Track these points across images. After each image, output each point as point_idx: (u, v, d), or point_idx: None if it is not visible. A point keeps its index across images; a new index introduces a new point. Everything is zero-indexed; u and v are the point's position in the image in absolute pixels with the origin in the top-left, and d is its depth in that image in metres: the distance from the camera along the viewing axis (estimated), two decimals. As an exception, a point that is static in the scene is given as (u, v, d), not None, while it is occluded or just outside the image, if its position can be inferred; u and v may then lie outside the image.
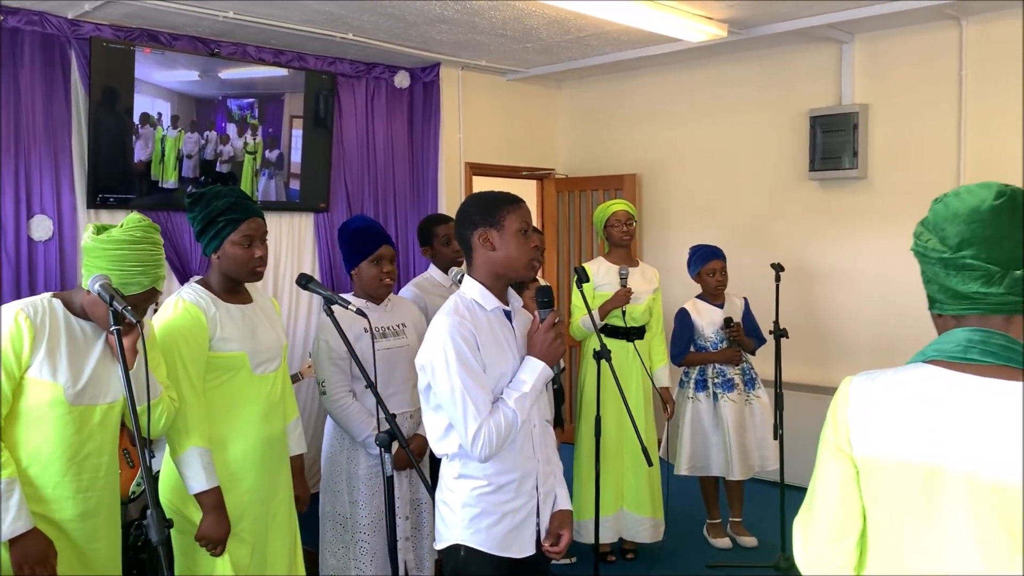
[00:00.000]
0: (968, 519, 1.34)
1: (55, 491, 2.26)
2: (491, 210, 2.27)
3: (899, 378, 1.45)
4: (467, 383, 2.12)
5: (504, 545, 2.23)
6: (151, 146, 4.59)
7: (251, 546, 2.66)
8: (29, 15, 4.21)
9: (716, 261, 4.57)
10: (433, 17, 4.68)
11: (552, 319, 2.26)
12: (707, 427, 4.56)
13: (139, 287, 2.26)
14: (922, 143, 5.11)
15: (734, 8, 4.68)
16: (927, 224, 1.49)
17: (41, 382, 2.20)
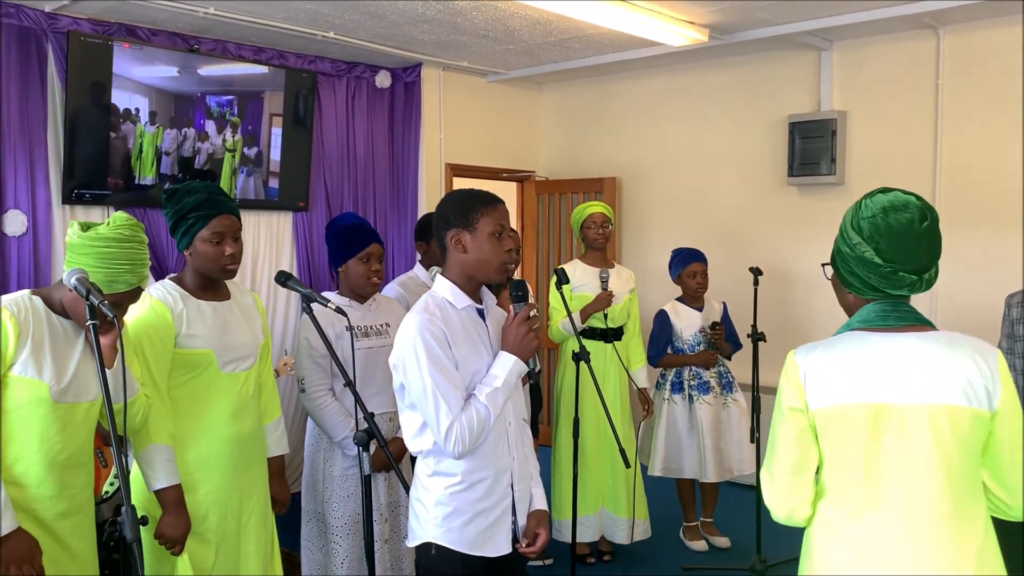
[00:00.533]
0: (905, 440, 1.76)
1: (38, 490, 2.23)
2: (465, 211, 2.25)
3: (836, 345, 1.85)
4: (438, 380, 2.12)
5: (477, 544, 2.22)
6: (131, 142, 4.55)
7: (215, 547, 2.63)
8: (5, 7, 4.15)
9: (696, 264, 4.60)
10: (415, 17, 4.67)
11: (526, 313, 2.24)
12: (681, 429, 4.59)
13: (125, 285, 2.24)
14: (899, 150, 5.17)
15: (715, 13, 4.71)
16: (861, 233, 1.84)
17: (26, 380, 2.17)
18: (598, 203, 4.50)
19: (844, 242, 1.88)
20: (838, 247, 1.91)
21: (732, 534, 4.77)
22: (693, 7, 4.59)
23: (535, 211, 6.95)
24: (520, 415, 2.39)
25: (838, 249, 1.91)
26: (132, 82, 4.51)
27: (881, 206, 1.83)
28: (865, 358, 1.80)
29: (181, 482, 2.53)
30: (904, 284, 1.82)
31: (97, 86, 4.38)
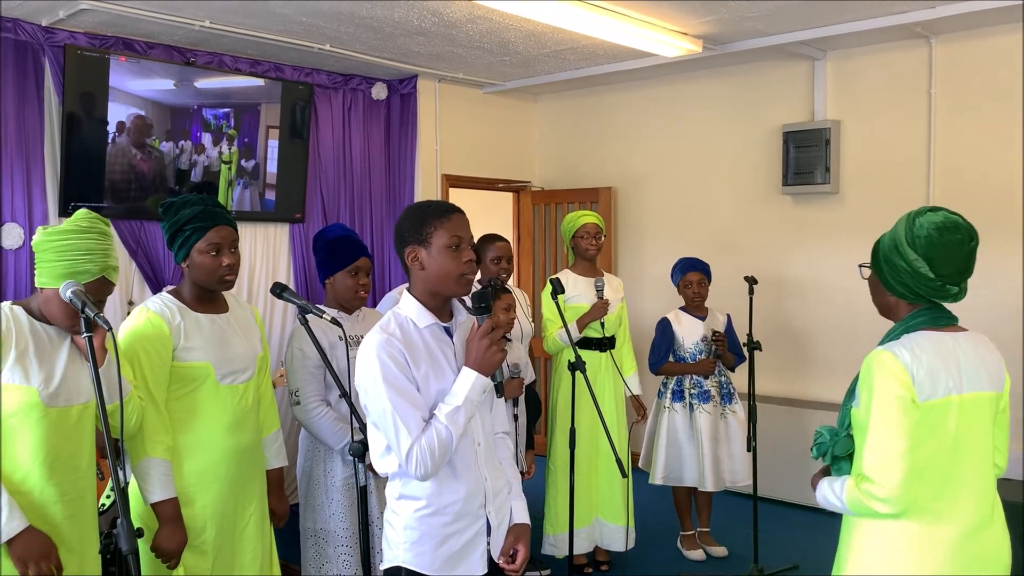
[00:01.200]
0: (975, 425, 2.09)
1: (41, 495, 2.24)
2: (419, 226, 2.15)
3: (919, 343, 2.09)
4: (396, 402, 2.05)
5: (448, 567, 2.15)
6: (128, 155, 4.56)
7: (212, 560, 2.62)
8: (3, 22, 4.17)
9: (693, 273, 4.62)
10: (411, 29, 4.70)
11: (488, 326, 2.14)
12: (682, 438, 4.59)
13: (88, 275, 2.22)
14: (892, 159, 5.20)
15: (709, 24, 4.74)
16: (916, 249, 2.09)
17: (14, 387, 2.18)
18: (590, 213, 4.50)
19: (899, 256, 2.11)
20: (888, 258, 2.14)
21: (729, 543, 4.76)
22: (687, 18, 4.62)
23: (531, 221, 6.97)
24: (492, 431, 2.29)
25: (888, 260, 2.14)
26: (129, 95, 4.53)
27: (935, 225, 2.07)
28: (945, 355, 2.08)
29: (178, 495, 2.53)
30: (948, 295, 2.11)
31: (93, 99, 4.40)
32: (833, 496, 2.11)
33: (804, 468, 5.38)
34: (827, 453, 2.19)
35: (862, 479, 2.04)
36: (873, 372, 2.06)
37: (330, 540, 3.21)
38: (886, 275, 2.15)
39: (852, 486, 2.05)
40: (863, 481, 2.04)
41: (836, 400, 5.35)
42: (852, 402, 2.17)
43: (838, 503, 2.10)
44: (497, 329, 2.15)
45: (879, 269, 2.19)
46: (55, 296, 2.21)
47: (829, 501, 2.13)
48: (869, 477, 2.03)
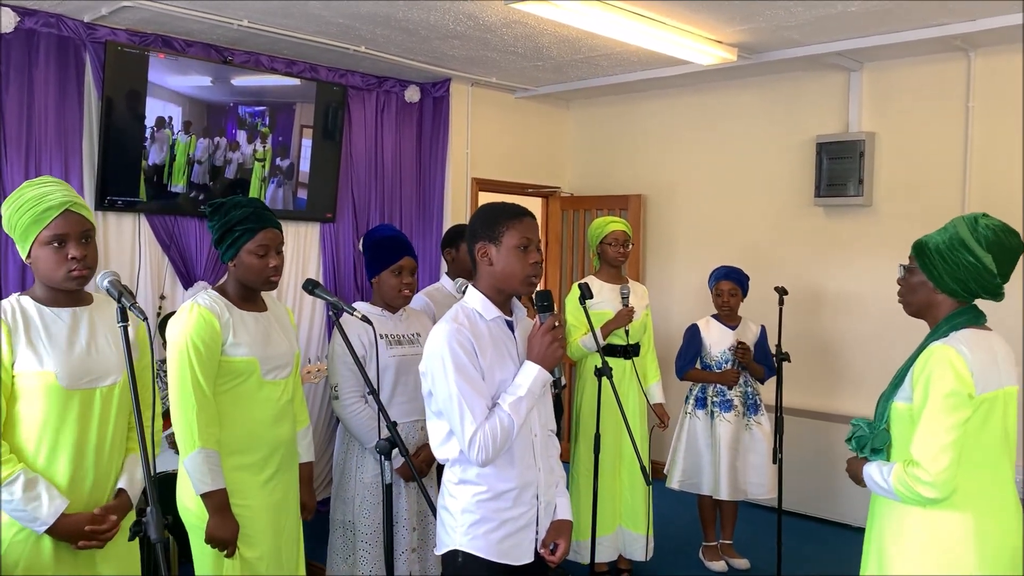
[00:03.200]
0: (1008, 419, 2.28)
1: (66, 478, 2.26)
2: (492, 224, 2.30)
3: (970, 339, 2.25)
4: (463, 389, 2.15)
5: (502, 552, 2.24)
6: (164, 150, 4.62)
7: (262, 549, 2.67)
8: (46, 17, 4.25)
9: (725, 282, 4.60)
10: (445, 32, 4.72)
11: (551, 322, 2.27)
12: (701, 445, 4.58)
13: (54, 210, 2.21)
14: (927, 173, 5.14)
15: (744, 33, 4.72)
16: (986, 245, 2.25)
17: (31, 374, 2.21)
18: (619, 220, 4.47)
19: (966, 253, 2.26)
20: (948, 256, 2.29)
21: (752, 556, 4.72)
22: (722, 26, 4.60)
23: (559, 227, 6.96)
24: (547, 426, 2.41)
25: (947, 258, 2.29)
26: (167, 91, 4.59)
27: (1000, 227, 2.27)
28: (990, 351, 2.26)
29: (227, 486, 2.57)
30: (999, 293, 2.29)
31: (132, 95, 4.46)
32: (880, 478, 2.27)
33: (831, 482, 5.33)
34: (866, 446, 2.35)
35: (911, 463, 2.19)
36: (934, 365, 2.20)
37: (357, 534, 3.25)
38: (940, 272, 2.29)
39: (900, 470, 2.21)
40: (911, 465, 2.19)
41: (863, 414, 5.27)
42: (895, 396, 2.32)
43: (884, 485, 2.25)
44: (558, 328, 2.27)
45: (931, 267, 2.32)
46: (38, 254, 2.23)
47: (875, 482, 2.29)
48: (918, 462, 2.17)
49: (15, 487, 2.15)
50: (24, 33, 4.21)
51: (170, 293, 4.79)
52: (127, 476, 2.41)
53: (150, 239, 4.70)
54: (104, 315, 2.38)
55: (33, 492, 2.17)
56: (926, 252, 2.35)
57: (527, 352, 2.28)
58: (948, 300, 2.33)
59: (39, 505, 2.17)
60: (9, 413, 2.21)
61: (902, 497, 2.22)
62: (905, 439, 2.28)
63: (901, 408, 2.30)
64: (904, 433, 2.29)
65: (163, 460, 3.61)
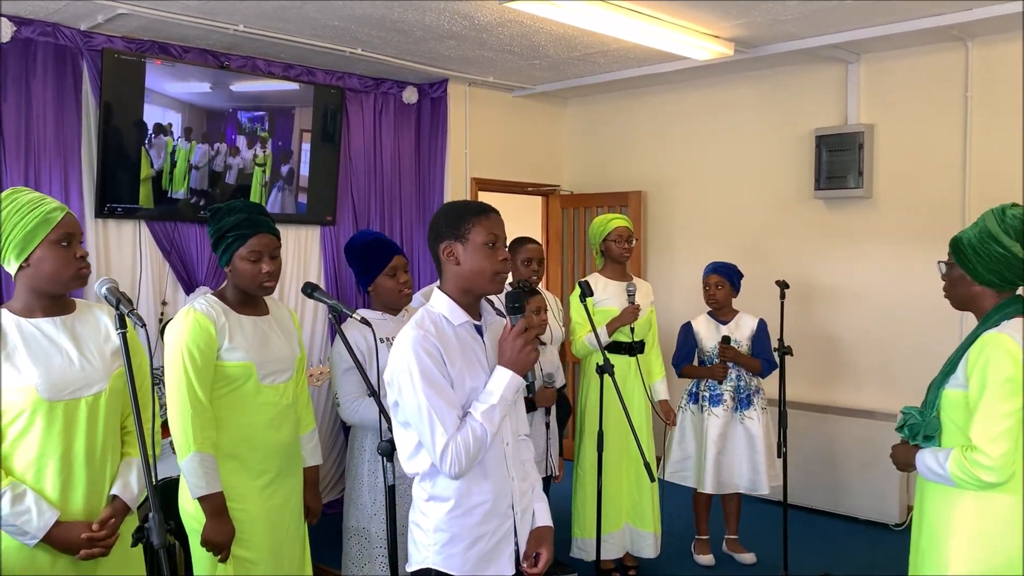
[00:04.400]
0: None
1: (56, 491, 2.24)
2: (456, 222, 2.17)
3: (1021, 328, 2.31)
4: (432, 399, 2.04)
5: (478, 568, 2.15)
6: (163, 156, 4.63)
7: (259, 553, 2.67)
8: (43, 26, 4.26)
9: (712, 275, 4.63)
10: (441, 33, 4.72)
11: (522, 325, 2.15)
12: (689, 437, 4.63)
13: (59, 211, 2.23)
14: (927, 163, 5.13)
15: (741, 27, 4.71)
16: (1014, 235, 2.33)
17: (12, 388, 2.18)
18: (621, 216, 4.47)
19: (995, 244, 2.35)
20: (980, 248, 2.37)
21: (757, 551, 4.72)
22: (718, 21, 4.60)
23: (560, 225, 6.96)
24: (519, 432, 2.30)
25: (980, 250, 2.37)
26: (166, 97, 4.60)
27: (1015, 214, 2.35)
28: None
29: (223, 490, 2.57)
30: None
31: (130, 102, 4.46)
32: (936, 464, 2.33)
33: (834, 475, 5.32)
34: (918, 433, 2.41)
35: (970, 448, 2.27)
36: (990, 353, 2.27)
37: (371, 540, 3.23)
38: (975, 265, 2.39)
39: (959, 455, 2.28)
40: (971, 451, 2.26)
41: (868, 407, 5.30)
42: (946, 384, 2.37)
43: (940, 471, 2.31)
44: (531, 330, 2.16)
45: (967, 261, 2.41)
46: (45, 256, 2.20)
47: (931, 468, 2.35)
48: (978, 447, 2.25)
49: (3, 502, 2.13)
50: (21, 42, 4.21)
51: (171, 299, 4.80)
52: (121, 481, 2.37)
53: (151, 245, 4.71)
54: (86, 323, 2.34)
55: (21, 506, 2.15)
56: (961, 247, 2.44)
57: (499, 357, 2.15)
58: (989, 291, 2.41)
59: (28, 519, 2.15)
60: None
61: (959, 482, 2.28)
62: (957, 426, 2.35)
63: (954, 395, 2.36)
64: (957, 420, 2.36)
65: (168, 466, 3.61)
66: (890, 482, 5.06)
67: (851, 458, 5.25)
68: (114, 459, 2.39)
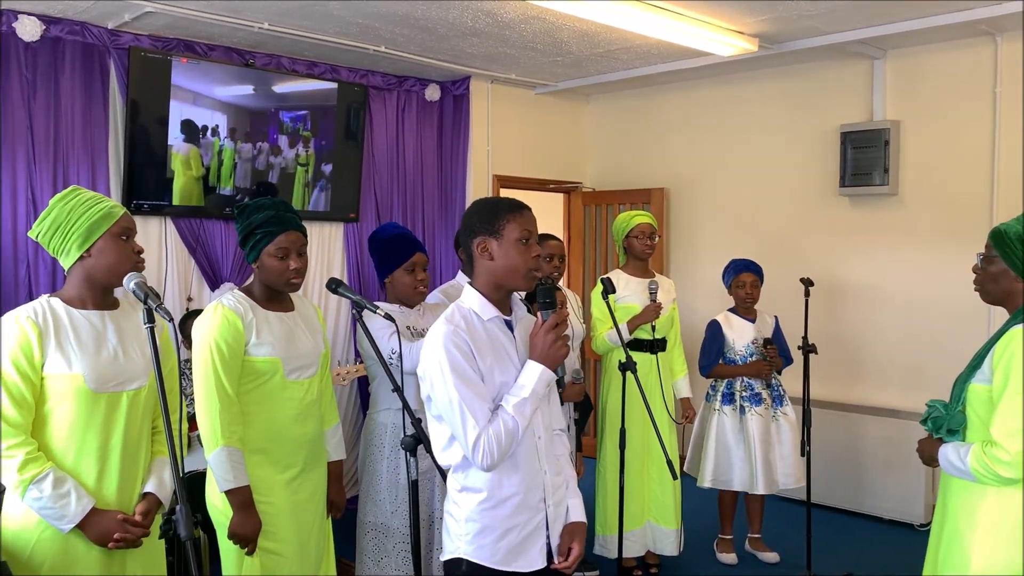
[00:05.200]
0: None
1: (92, 480, 2.29)
2: (491, 218, 2.21)
3: None
4: (463, 393, 2.08)
5: (508, 560, 2.17)
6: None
7: (285, 546, 2.70)
8: (71, 25, 4.31)
9: (746, 274, 4.56)
10: (464, 30, 4.73)
11: (553, 320, 2.18)
12: (731, 441, 4.54)
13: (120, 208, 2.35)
14: (955, 160, 5.07)
15: (765, 23, 4.68)
16: None
17: (59, 376, 2.24)
18: (644, 213, 4.45)
19: None
20: (1017, 246, 2.32)
21: (780, 549, 4.69)
22: (743, 17, 4.57)
23: (581, 222, 6.95)
24: (552, 427, 2.33)
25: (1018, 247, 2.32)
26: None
27: None
28: None
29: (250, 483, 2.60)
30: None
31: (157, 99, 4.51)
32: (957, 459, 2.32)
33: (858, 474, 5.28)
34: (942, 427, 2.40)
35: (990, 444, 2.25)
36: (1016, 348, 2.24)
37: (390, 535, 3.24)
38: (1016, 260, 2.33)
39: (979, 450, 2.26)
40: (991, 446, 2.25)
41: (893, 406, 5.25)
42: (972, 378, 2.35)
43: (961, 465, 2.30)
44: (562, 324, 2.19)
45: (1012, 254, 2.34)
46: (106, 248, 2.30)
47: (952, 463, 2.34)
48: (998, 442, 2.23)
49: (44, 484, 2.18)
50: (50, 41, 4.27)
51: (197, 295, 4.85)
52: (155, 479, 2.43)
53: (176, 242, 4.76)
54: (130, 320, 2.41)
55: (62, 489, 2.20)
56: (1007, 240, 2.35)
57: (529, 351, 2.19)
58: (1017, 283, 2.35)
59: (67, 503, 2.20)
60: (38, 414, 2.25)
61: (979, 477, 2.27)
62: (982, 420, 2.33)
63: (979, 390, 2.34)
64: (981, 414, 2.34)
65: (196, 459, 3.65)
66: (916, 482, 5.01)
67: (876, 457, 5.21)
68: (147, 454, 2.45)
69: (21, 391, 2.20)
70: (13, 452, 2.17)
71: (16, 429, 2.19)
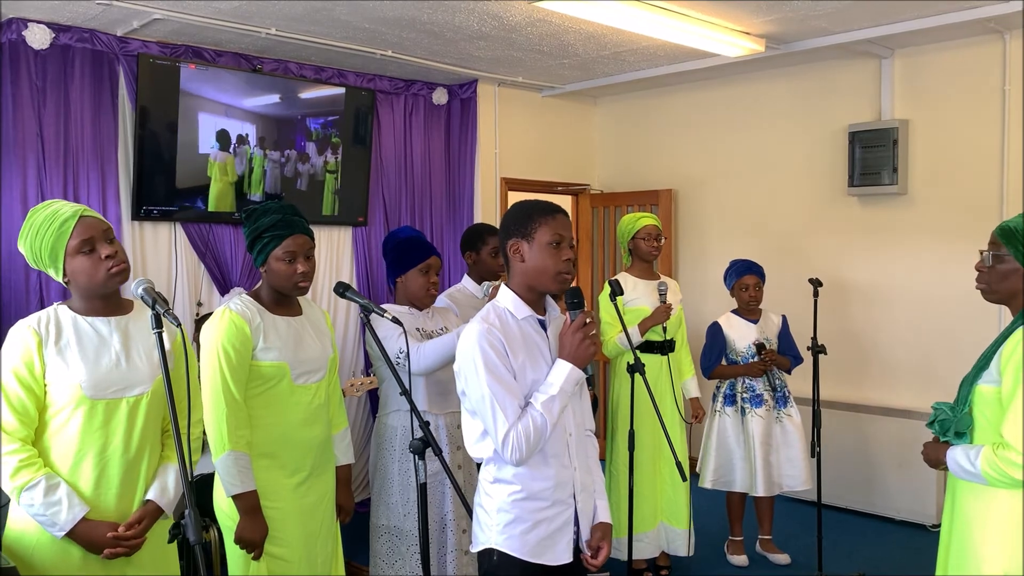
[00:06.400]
0: None
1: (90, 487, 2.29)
2: (525, 221, 2.28)
3: None
4: (495, 389, 2.15)
5: (537, 552, 2.23)
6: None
7: (293, 552, 2.70)
8: (80, 32, 4.34)
9: (749, 276, 4.55)
10: (471, 33, 4.74)
11: (582, 319, 2.24)
12: (732, 441, 4.55)
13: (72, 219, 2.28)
14: (963, 159, 5.05)
15: (772, 23, 4.67)
16: None
17: (59, 383, 2.25)
18: (649, 215, 4.45)
19: None
20: None
21: (791, 551, 4.68)
22: (749, 17, 4.56)
23: (590, 224, 6.95)
24: (583, 426, 2.38)
25: None
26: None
27: None
28: None
29: (257, 488, 2.60)
30: None
31: (165, 106, 4.53)
32: (967, 462, 2.28)
33: (869, 475, 5.26)
34: (949, 429, 2.36)
35: (1001, 446, 2.21)
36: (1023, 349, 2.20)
37: (403, 538, 3.25)
38: None
39: (990, 452, 2.22)
40: (1003, 448, 2.21)
41: (903, 406, 5.23)
42: (979, 379, 2.32)
43: (972, 468, 2.26)
44: (589, 324, 2.24)
45: (1020, 251, 2.29)
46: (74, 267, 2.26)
47: (962, 466, 2.30)
48: (1010, 444, 2.19)
49: (35, 492, 2.19)
50: (59, 49, 4.30)
51: (206, 300, 4.87)
52: (158, 486, 2.41)
53: (186, 247, 4.78)
54: (140, 326, 2.41)
55: (53, 497, 2.21)
56: (1015, 236, 2.31)
57: (559, 350, 2.26)
58: None
59: (58, 510, 2.21)
60: (40, 420, 2.27)
61: (991, 480, 2.24)
62: (990, 422, 2.31)
63: (986, 391, 2.31)
64: (989, 416, 2.31)
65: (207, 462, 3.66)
66: (927, 482, 4.99)
67: (887, 458, 5.19)
68: (151, 462, 2.43)
69: (21, 399, 2.22)
70: (8, 459, 2.19)
71: (12, 436, 2.21)
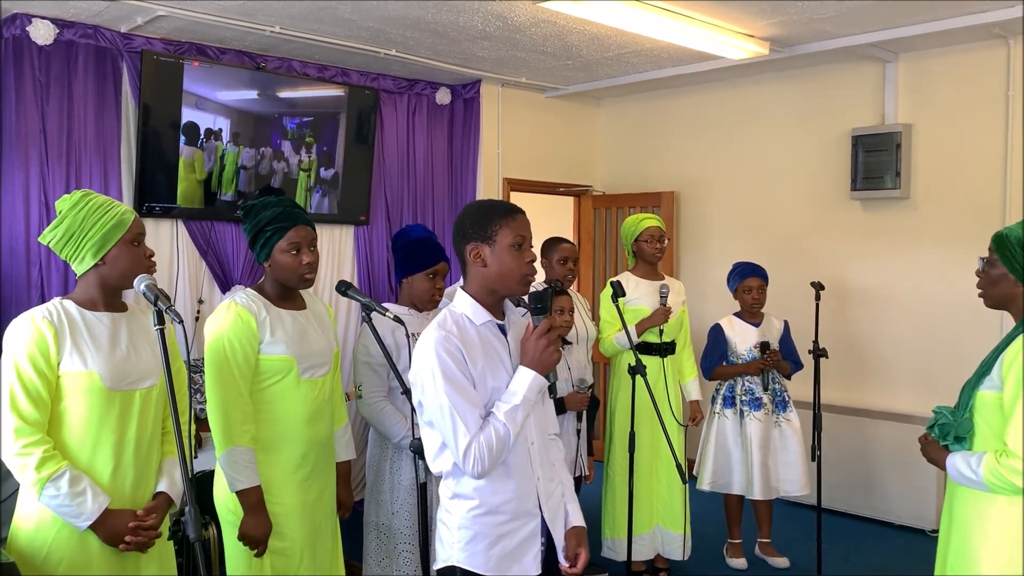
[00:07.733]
0: None
1: (106, 478, 2.31)
2: (483, 223, 2.16)
3: None
4: (454, 399, 2.05)
5: (502, 567, 2.14)
6: (212, 160, 4.73)
7: (297, 547, 2.71)
8: (84, 28, 4.34)
9: (753, 279, 4.54)
10: (475, 34, 4.73)
11: (545, 326, 2.14)
12: (730, 444, 4.55)
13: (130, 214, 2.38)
14: (966, 164, 5.04)
15: (776, 26, 4.67)
16: None
17: (76, 373, 2.27)
18: (652, 216, 4.45)
19: None
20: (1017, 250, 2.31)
21: (791, 555, 4.67)
22: (753, 20, 4.56)
23: (592, 225, 6.94)
24: (546, 432, 2.29)
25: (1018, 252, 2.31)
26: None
27: None
28: None
29: (262, 484, 2.61)
30: None
31: (168, 103, 4.53)
32: (968, 469, 2.28)
33: (869, 479, 5.25)
34: (949, 434, 2.36)
35: (1004, 454, 2.21)
36: None
37: (393, 536, 3.25)
38: (1017, 265, 2.32)
39: (992, 460, 2.22)
40: (1006, 456, 2.20)
41: (901, 410, 5.22)
42: (981, 385, 2.32)
43: (973, 476, 2.26)
44: (553, 330, 2.15)
45: (1012, 259, 2.33)
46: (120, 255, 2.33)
47: (962, 473, 2.30)
48: (1014, 452, 2.19)
49: (61, 482, 2.20)
50: (63, 45, 4.30)
51: (207, 297, 4.86)
52: (167, 479, 2.45)
53: (188, 244, 4.78)
54: (139, 322, 2.44)
55: (79, 487, 2.22)
56: (1007, 244, 2.35)
57: (521, 357, 2.15)
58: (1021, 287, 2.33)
59: (84, 500, 2.22)
60: (53, 412, 2.27)
61: (993, 488, 2.24)
62: (991, 428, 2.30)
63: (988, 397, 2.31)
64: (990, 422, 2.31)
65: (207, 458, 3.66)
66: (927, 487, 4.98)
67: (887, 462, 5.18)
68: (158, 453, 2.47)
69: (38, 388, 2.23)
70: (30, 450, 2.19)
71: (33, 427, 2.21)
